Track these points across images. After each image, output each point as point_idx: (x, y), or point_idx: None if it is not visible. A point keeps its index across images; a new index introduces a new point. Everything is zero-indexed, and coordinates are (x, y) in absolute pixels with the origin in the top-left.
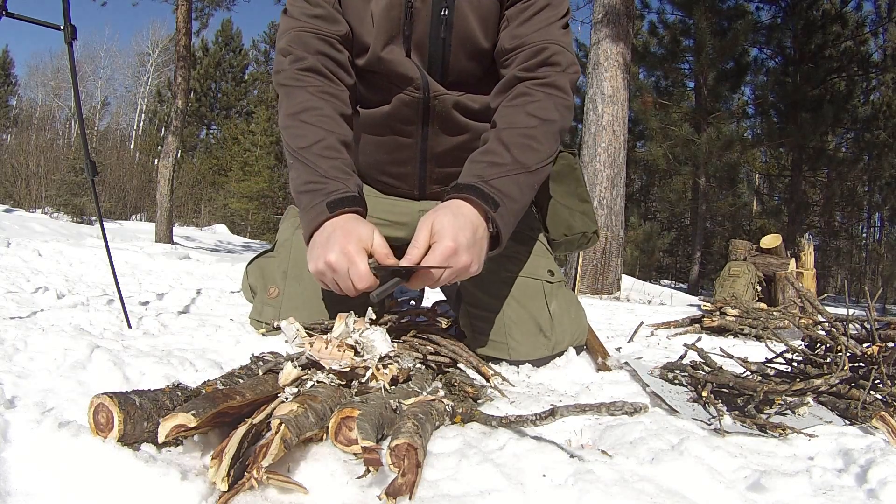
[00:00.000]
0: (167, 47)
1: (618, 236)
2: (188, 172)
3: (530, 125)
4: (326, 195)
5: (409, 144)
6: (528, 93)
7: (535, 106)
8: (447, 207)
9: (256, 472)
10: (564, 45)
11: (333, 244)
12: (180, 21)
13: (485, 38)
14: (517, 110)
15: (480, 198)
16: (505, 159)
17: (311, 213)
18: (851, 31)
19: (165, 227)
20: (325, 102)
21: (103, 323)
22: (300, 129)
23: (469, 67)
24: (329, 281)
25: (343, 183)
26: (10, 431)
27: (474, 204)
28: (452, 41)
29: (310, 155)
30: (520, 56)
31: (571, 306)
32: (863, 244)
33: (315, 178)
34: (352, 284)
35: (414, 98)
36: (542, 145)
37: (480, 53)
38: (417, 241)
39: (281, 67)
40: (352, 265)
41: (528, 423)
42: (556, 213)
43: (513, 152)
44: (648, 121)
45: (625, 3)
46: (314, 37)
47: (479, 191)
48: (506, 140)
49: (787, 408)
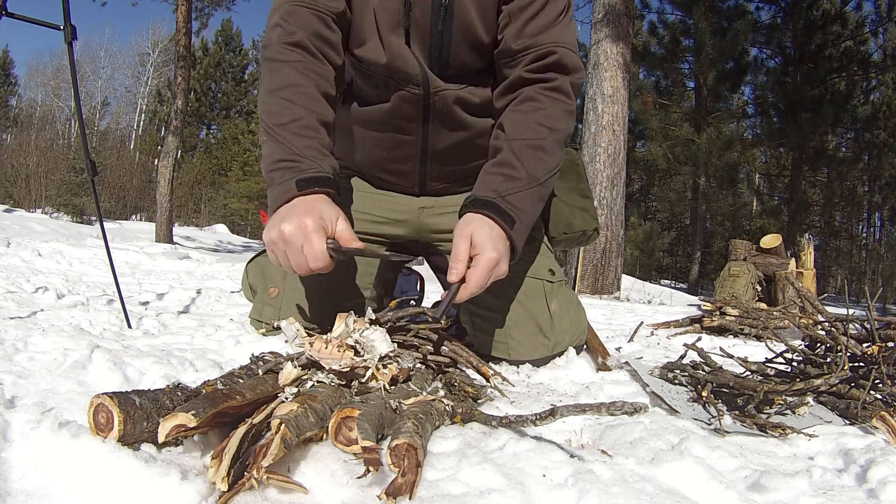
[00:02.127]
0: (167, 47)
1: (618, 236)
2: (188, 172)
3: (540, 136)
4: (297, 172)
5: (410, 142)
6: (536, 98)
7: (543, 114)
8: (481, 221)
9: (256, 472)
10: (571, 46)
11: (292, 217)
12: (180, 21)
13: (484, 29)
14: (527, 118)
15: (499, 215)
16: (520, 174)
17: (280, 190)
18: (851, 31)
19: (165, 227)
20: (308, 80)
21: (103, 323)
22: (279, 106)
23: (469, 59)
24: (280, 253)
25: (317, 163)
26: (10, 431)
27: (495, 221)
28: (453, 31)
29: (285, 132)
30: (527, 58)
31: (572, 306)
32: (863, 244)
33: (288, 156)
34: (304, 261)
35: (414, 95)
36: (551, 156)
37: (480, 45)
38: (458, 253)
39: (269, 42)
40: (306, 241)
41: (528, 423)
42: (557, 211)
43: (525, 166)
44: (648, 121)
45: (625, 3)
46: (308, 11)
47: (497, 208)
48: (518, 152)
49: (787, 408)
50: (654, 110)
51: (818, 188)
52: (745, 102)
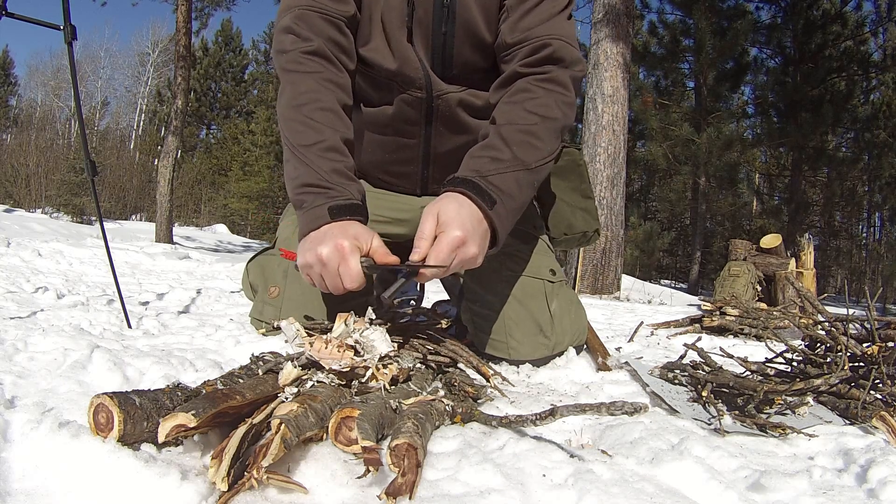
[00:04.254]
0: (167, 47)
1: (618, 236)
2: (188, 172)
3: (531, 122)
4: (329, 199)
5: (412, 145)
6: (529, 89)
7: (536, 103)
8: (451, 198)
9: (256, 471)
10: (568, 39)
11: (329, 240)
12: (180, 21)
13: (487, 28)
14: (517, 107)
15: (477, 193)
16: (505, 155)
17: (312, 215)
18: (851, 31)
19: (165, 227)
20: (329, 93)
21: (103, 323)
22: (302, 125)
23: (472, 60)
24: (315, 276)
25: (347, 189)
26: (10, 431)
27: (472, 199)
28: (456, 31)
29: (311, 155)
30: (522, 51)
31: (572, 306)
32: (863, 244)
33: (317, 181)
34: (340, 282)
35: (417, 98)
36: (543, 143)
37: (483, 45)
38: (424, 231)
39: (284, 48)
40: (343, 262)
41: (528, 423)
42: (558, 211)
43: (513, 149)
44: (648, 121)
45: (625, 2)
46: (320, 17)
47: (476, 186)
48: (506, 136)
49: (787, 408)
50: (654, 110)
51: (818, 188)
52: (745, 102)
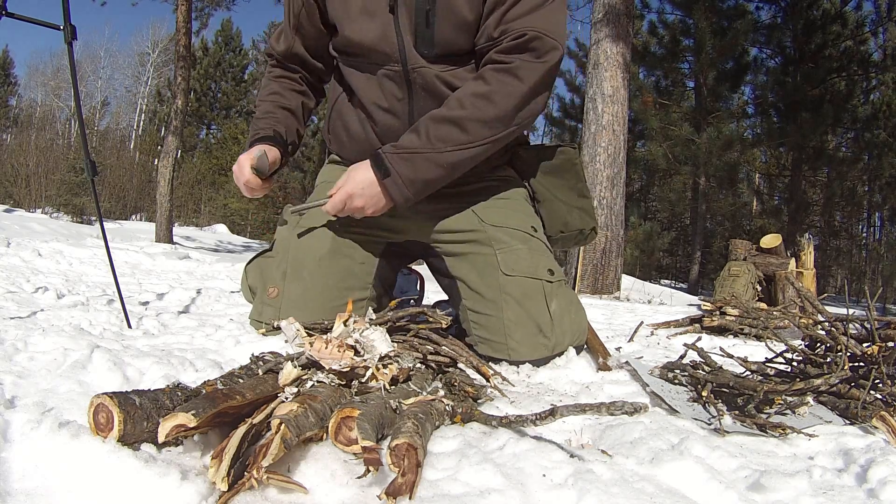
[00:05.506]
0: (167, 47)
1: (618, 236)
2: (188, 172)
3: (460, 111)
4: (254, 134)
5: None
6: (483, 76)
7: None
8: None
9: (256, 471)
10: (545, 30)
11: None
12: (180, 21)
13: (468, 7)
14: (460, 93)
15: (377, 165)
16: (419, 140)
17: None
18: (851, 31)
19: (165, 227)
20: (281, 86)
21: (103, 323)
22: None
23: (453, 37)
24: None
25: (265, 130)
26: (10, 431)
27: (372, 168)
28: (437, 9)
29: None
30: (500, 45)
31: (572, 306)
32: (863, 244)
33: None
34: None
35: (395, 72)
36: (464, 133)
37: (464, 23)
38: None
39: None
40: (240, 168)
41: (528, 423)
42: (553, 210)
43: (430, 134)
44: (648, 121)
45: (625, 2)
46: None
47: (377, 158)
48: (428, 120)
49: (787, 408)
50: (654, 110)
51: (818, 188)
52: (745, 102)
